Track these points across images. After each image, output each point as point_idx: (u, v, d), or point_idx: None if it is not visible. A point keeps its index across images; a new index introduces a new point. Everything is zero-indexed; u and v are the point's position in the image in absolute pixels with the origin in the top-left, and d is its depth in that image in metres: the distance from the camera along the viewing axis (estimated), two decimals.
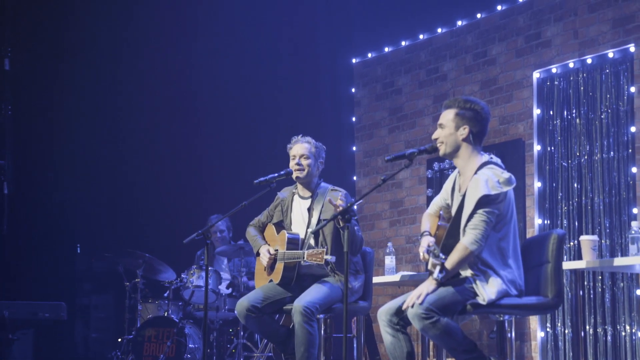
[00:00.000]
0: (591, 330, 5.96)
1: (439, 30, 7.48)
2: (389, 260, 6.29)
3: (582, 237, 5.26)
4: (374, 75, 8.01)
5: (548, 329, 6.23)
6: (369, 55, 8.09)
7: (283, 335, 5.49)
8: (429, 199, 7.21)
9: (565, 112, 6.36)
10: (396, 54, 7.84)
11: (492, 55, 6.97)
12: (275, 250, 5.48)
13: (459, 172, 4.68)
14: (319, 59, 9.48)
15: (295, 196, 5.63)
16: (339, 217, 4.64)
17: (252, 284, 7.69)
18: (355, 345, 6.35)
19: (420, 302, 4.32)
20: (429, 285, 4.38)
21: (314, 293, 5.24)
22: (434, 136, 4.66)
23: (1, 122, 8.50)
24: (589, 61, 6.22)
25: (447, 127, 4.60)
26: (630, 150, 5.90)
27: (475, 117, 4.54)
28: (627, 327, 5.77)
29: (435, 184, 7.21)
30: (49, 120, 9.24)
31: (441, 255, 4.32)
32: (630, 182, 5.87)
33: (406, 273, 6.17)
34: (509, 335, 6.01)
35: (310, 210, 5.53)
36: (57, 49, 9.15)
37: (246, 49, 9.48)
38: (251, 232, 5.74)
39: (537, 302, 4.56)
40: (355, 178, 8.01)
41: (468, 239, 4.37)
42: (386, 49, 7.95)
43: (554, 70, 6.46)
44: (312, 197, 5.56)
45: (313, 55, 9.45)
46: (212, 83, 9.59)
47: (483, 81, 7.01)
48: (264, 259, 5.50)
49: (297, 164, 5.52)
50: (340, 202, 4.95)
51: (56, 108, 9.27)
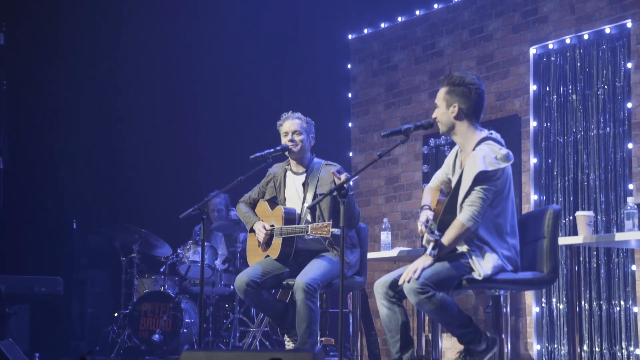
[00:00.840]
0: (586, 305, 5.99)
1: (436, 6, 7.47)
2: (385, 236, 6.31)
3: (578, 213, 5.28)
4: (370, 51, 7.99)
5: (543, 304, 6.27)
6: (365, 31, 8.07)
7: (280, 310, 5.51)
8: (425, 175, 7.22)
9: (561, 88, 6.36)
10: (392, 29, 7.83)
11: (489, 31, 6.95)
12: (271, 225, 5.48)
13: (460, 148, 4.69)
14: (314, 34, 9.45)
15: (288, 172, 5.63)
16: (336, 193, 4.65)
17: None
18: (350, 320, 6.38)
19: (417, 277, 4.34)
20: (425, 260, 4.40)
21: (315, 269, 5.25)
22: (433, 115, 4.67)
23: None
24: (585, 37, 6.22)
25: (440, 106, 4.61)
26: (626, 126, 5.91)
27: (465, 94, 4.53)
28: (622, 302, 5.81)
29: (431, 160, 7.22)
30: (45, 95, 9.22)
31: (436, 232, 4.33)
32: (626, 158, 5.88)
33: (403, 248, 6.18)
34: (504, 310, 6.04)
35: (305, 185, 5.53)
36: (53, 23, 9.11)
37: (242, 26, 9.45)
38: (242, 208, 5.73)
39: (532, 277, 4.59)
40: (351, 154, 8.02)
41: (465, 215, 4.38)
42: (382, 25, 7.93)
43: (550, 46, 6.46)
44: (306, 173, 5.56)
45: (309, 31, 9.42)
46: (208, 60, 9.57)
47: (479, 57, 7.00)
48: (260, 234, 5.50)
49: (291, 140, 5.52)
50: (343, 177, 4.95)
51: (52, 83, 9.24)
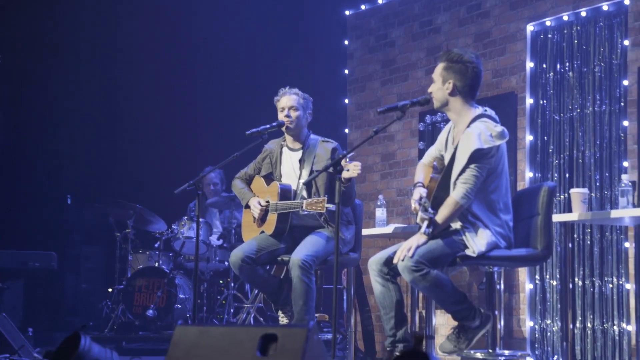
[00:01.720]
0: (580, 282, 6.01)
1: None
2: (380, 213, 6.30)
3: (573, 190, 5.28)
4: (367, 27, 7.95)
5: (537, 281, 6.28)
6: (362, 7, 8.03)
7: (275, 285, 5.52)
8: (421, 152, 7.20)
9: (558, 66, 6.34)
10: (390, 5, 7.78)
11: (486, 7, 6.92)
12: (267, 201, 5.48)
13: (453, 124, 4.68)
14: (312, 10, 9.41)
15: (284, 148, 5.62)
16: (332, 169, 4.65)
17: None
18: (345, 296, 6.39)
19: (411, 254, 4.34)
20: (419, 238, 4.40)
21: (310, 246, 5.24)
22: (429, 90, 4.66)
23: None
24: (583, 14, 6.19)
25: (437, 82, 4.61)
26: (622, 104, 5.90)
27: (462, 71, 4.52)
28: (615, 280, 5.82)
29: (427, 137, 7.21)
30: (40, 70, 9.18)
31: (430, 209, 4.34)
32: (622, 135, 5.87)
33: (398, 225, 6.18)
34: (498, 287, 6.06)
35: (301, 162, 5.52)
36: None
37: (239, 2, 9.41)
38: (238, 184, 5.72)
39: (526, 254, 4.60)
40: (347, 131, 8.00)
41: (458, 192, 4.38)
42: (380, 1, 7.89)
43: (548, 24, 6.43)
44: (302, 149, 5.55)
45: (306, 7, 9.38)
46: (205, 36, 9.54)
47: (477, 34, 6.97)
48: (255, 210, 5.50)
49: (287, 116, 5.51)
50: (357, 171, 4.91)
51: (48, 58, 9.20)
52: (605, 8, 6.04)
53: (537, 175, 6.38)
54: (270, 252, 5.40)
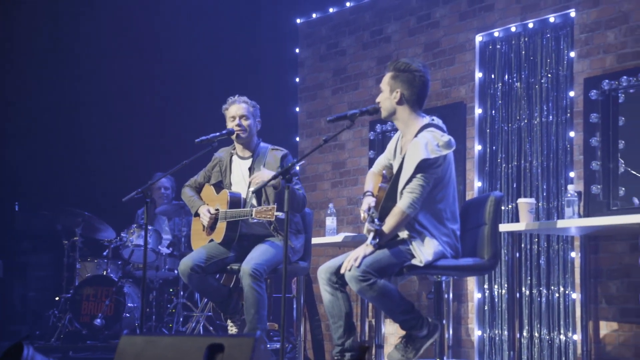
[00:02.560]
0: (527, 291, 6.06)
1: None
2: (330, 221, 6.32)
3: (520, 200, 5.34)
4: (319, 36, 7.97)
5: (486, 291, 6.33)
6: (314, 15, 8.05)
7: (224, 294, 5.49)
8: (371, 161, 7.23)
9: (506, 76, 6.41)
10: (341, 14, 7.81)
11: (436, 18, 6.97)
12: (216, 209, 5.46)
13: (401, 134, 4.71)
14: (263, 18, 9.41)
15: (234, 157, 5.61)
16: (279, 178, 4.64)
17: None
18: (294, 305, 6.38)
19: (357, 264, 4.35)
20: (366, 248, 4.41)
21: (261, 254, 5.23)
22: (377, 99, 4.68)
23: None
24: (530, 25, 6.27)
25: (384, 91, 4.63)
26: (568, 115, 5.97)
27: (409, 80, 4.55)
28: (561, 289, 5.89)
29: (377, 146, 7.23)
30: None
31: (377, 221, 4.36)
32: (568, 146, 5.95)
33: (348, 234, 6.19)
34: (447, 296, 6.10)
35: (251, 170, 5.52)
36: None
37: (189, 8, 9.37)
38: (187, 192, 5.70)
39: (473, 263, 4.62)
40: (298, 139, 8.00)
41: (404, 202, 4.40)
42: (331, 10, 7.91)
43: (496, 34, 6.50)
44: (252, 157, 5.55)
45: (257, 15, 9.38)
46: (154, 43, 9.47)
47: (426, 44, 7.02)
48: (205, 218, 5.48)
49: (238, 125, 5.50)
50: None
51: None
52: (552, 20, 6.12)
53: (485, 184, 6.43)
54: (219, 261, 5.38)
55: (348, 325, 4.54)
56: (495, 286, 6.26)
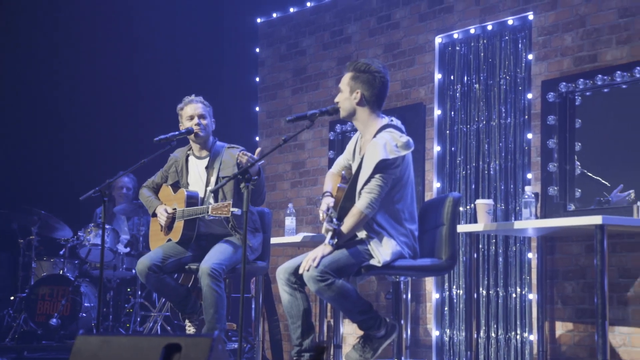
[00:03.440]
0: (484, 292, 6.11)
1: None
2: (290, 221, 6.31)
3: (478, 201, 5.37)
4: (279, 35, 7.96)
5: (444, 291, 6.36)
6: (274, 15, 8.03)
7: (182, 294, 5.46)
8: (331, 161, 7.23)
9: (465, 78, 6.45)
10: (301, 14, 7.81)
11: (396, 19, 7.00)
12: (173, 209, 5.43)
13: (360, 134, 4.71)
14: (222, 17, 9.37)
15: (191, 157, 5.60)
16: (239, 177, 4.63)
17: None
18: (253, 305, 6.36)
19: (316, 265, 4.35)
20: (324, 248, 4.41)
21: (219, 254, 5.22)
22: (336, 99, 4.68)
23: None
24: (489, 28, 6.31)
25: (344, 91, 4.63)
26: (526, 117, 6.02)
27: (369, 81, 4.56)
28: (518, 289, 5.93)
29: (337, 146, 7.24)
30: None
31: (335, 220, 4.37)
32: (526, 147, 6.00)
33: (307, 234, 6.19)
34: (405, 296, 6.12)
35: (208, 169, 5.50)
36: None
37: (148, 6, 9.30)
38: (145, 193, 5.67)
39: (431, 263, 4.64)
40: (257, 139, 7.98)
41: (363, 202, 4.41)
42: (291, 10, 7.90)
43: (455, 36, 6.53)
44: (209, 156, 5.53)
45: (217, 14, 9.33)
46: (112, 39, 9.38)
47: (386, 45, 7.04)
48: (162, 218, 5.45)
49: (197, 124, 5.49)
50: (245, 158, 4.96)
51: None
52: (510, 22, 6.17)
53: (444, 185, 6.47)
54: (177, 260, 5.36)
55: (307, 326, 4.54)
56: (454, 287, 6.29)
